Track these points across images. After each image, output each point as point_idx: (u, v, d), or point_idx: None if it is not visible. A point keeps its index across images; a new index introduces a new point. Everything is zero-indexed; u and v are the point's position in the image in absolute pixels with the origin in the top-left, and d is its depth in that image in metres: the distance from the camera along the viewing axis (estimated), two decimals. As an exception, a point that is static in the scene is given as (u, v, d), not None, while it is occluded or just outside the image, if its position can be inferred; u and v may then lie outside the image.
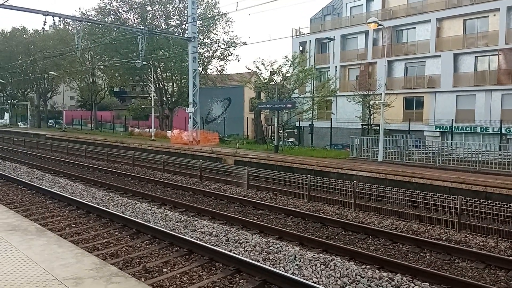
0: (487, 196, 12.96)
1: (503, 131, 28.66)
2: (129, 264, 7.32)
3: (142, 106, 44.84)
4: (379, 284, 6.31)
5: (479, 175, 16.06)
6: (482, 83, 31.85)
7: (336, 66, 40.34)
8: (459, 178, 14.78)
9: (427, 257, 8.54)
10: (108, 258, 7.52)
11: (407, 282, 6.33)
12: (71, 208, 11.60)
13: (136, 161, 22.49)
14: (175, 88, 44.72)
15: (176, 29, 41.71)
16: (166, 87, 44.73)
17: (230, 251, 8.00)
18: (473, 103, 32.27)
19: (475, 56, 32.53)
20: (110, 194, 13.62)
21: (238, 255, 7.68)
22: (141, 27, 37.81)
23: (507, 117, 29.67)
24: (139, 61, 30.96)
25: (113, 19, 41.93)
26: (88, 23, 36.86)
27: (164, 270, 7.15)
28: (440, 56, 33.80)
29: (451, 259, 8.39)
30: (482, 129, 31.10)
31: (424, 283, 6.44)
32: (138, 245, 8.53)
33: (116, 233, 9.41)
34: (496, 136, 28.50)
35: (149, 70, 40.09)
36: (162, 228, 9.35)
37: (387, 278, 6.45)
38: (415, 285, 6.20)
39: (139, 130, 43.91)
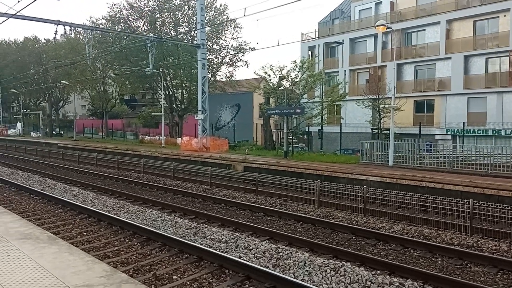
0: (500, 200, 12.77)
1: (516, 133, 28.28)
2: (139, 272, 7.37)
3: (152, 113, 45.21)
4: (389, 290, 6.27)
5: (491, 178, 15.86)
6: (493, 85, 31.52)
7: (345, 70, 40.27)
8: (471, 181, 14.61)
9: (439, 262, 8.45)
10: (119, 266, 7.58)
11: (418, 287, 6.26)
12: (82, 216, 11.72)
13: (146, 169, 22.65)
14: (184, 95, 45.03)
15: (185, 36, 42.07)
16: (175, 94, 45.06)
17: (240, 257, 8.00)
18: (484, 105, 31.94)
19: (486, 58, 32.23)
20: (121, 201, 13.74)
21: (248, 261, 7.68)
22: (151, 34, 38.25)
23: (519, 119, 29.30)
24: (149, 68, 31.29)
25: (123, 27, 42.45)
26: (98, 31, 37.33)
27: (174, 277, 7.18)
28: (450, 58, 33.56)
29: (463, 264, 8.29)
30: (494, 132, 30.73)
31: (435, 289, 6.38)
32: (148, 253, 8.59)
33: (126, 240, 9.49)
34: (508, 139, 28.15)
35: (159, 78, 40.46)
36: (172, 235, 9.40)
37: (397, 284, 6.40)
38: (426, 291, 6.14)
39: (149, 137, 44.23)
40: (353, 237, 10.16)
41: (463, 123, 29.68)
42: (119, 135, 53.96)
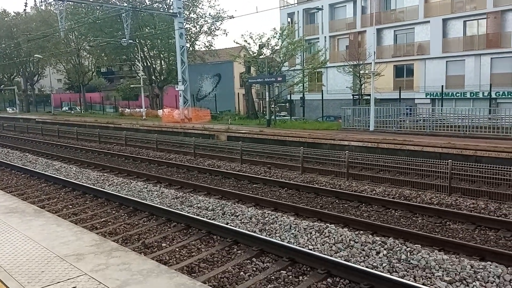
0: (477, 160, 13.20)
1: (493, 95, 28.87)
2: (128, 241, 7.45)
3: (131, 85, 44.37)
4: (372, 248, 6.51)
5: (469, 139, 16.29)
6: (471, 48, 31.88)
7: (325, 37, 40.00)
8: (450, 143, 14.99)
9: (419, 221, 8.78)
10: (107, 236, 7.64)
11: (400, 245, 6.53)
12: (67, 190, 11.65)
13: (128, 141, 22.46)
14: (163, 66, 44.19)
15: (160, 5, 40.88)
16: (154, 65, 44.16)
17: (227, 224, 8.15)
18: (462, 68, 32.37)
19: (464, 21, 32.42)
20: (105, 174, 13.68)
21: (235, 227, 7.84)
22: (125, 4, 37.03)
23: (496, 81, 29.85)
24: (125, 39, 30.47)
25: (95, -2, 40.90)
26: (70, 2, 35.87)
27: (163, 245, 7.30)
28: (429, 22, 33.64)
29: (443, 222, 8.63)
30: (472, 94, 31.33)
31: (416, 245, 6.65)
32: (136, 223, 8.66)
33: (113, 212, 9.53)
34: (486, 101, 28.74)
35: (135, 49, 39.48)
36: (159, 205, 9.47)
37: (380, 242, 6.65)
38: (407, 247, 6.40)
39: (129, 110, 43.59)
40: (337, 201, 10.42)
41: (442, 86, 30.09)
42: (98, 108, 53.00)
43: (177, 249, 7.05)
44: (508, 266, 5.85)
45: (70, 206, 10.04)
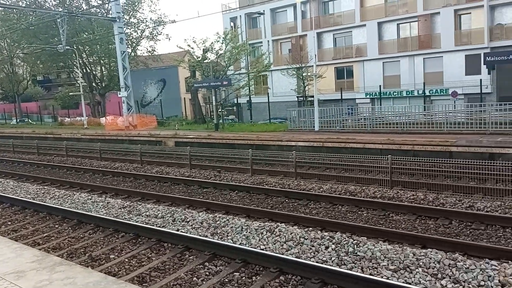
0: (415, 154, 13.98)
1: (427, 93, 30.75)
2: (73, 255, 7.12)
3: (70, 93, 42.47)
4: (321, 243, 6.70)
5: (407, 135, 17.23)
6: (405, 49, 33.76)
7: (268, 41, 40.63)
8: (389, 139, 15.77)
9: (364, 214, 9.15)
10: (51, 251, 7.26)
11: (347, 239, 6.77)
12: (4, 206, 10.92)
13: (70, 152, 21.47)
14: (104, 73, 42.76)
15: (98, 10, 39.57)
16: (94, 72, 42.60)
17: (178, 230, 8.04)
18: (398, 68, 34.18)
19: (397, 24, 34.28)
20: (45, 187, 12.97)
21: (186, 233, 7.75)
22: (60, 9, 35.43)
23: (429, 80, 31.85)
24: (61, 46, 29.18)
25: (28, 3, 38.81)
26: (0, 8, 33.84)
27: (112, 256, 7.05)
28: (365, 25, 35.20)
29: (386, 214, 9.05)
30: (407, 93, 33.15)
31: (362, 238, 6.93)
32: (81, 236, 8.30)
33: (56, 226, 9.06)
34: (420, 98, 30.54)
35: (73, 55, 37.88)
36: (105, 216, 9.14)
37: (328, 237, 6.86)
38: (354, 240, 6.65)
39: (69, 119, 41.71)
40: (286, 200, 10.60)
41: (380, 86, 31.60)
42: (35, 118, 50.20)
43: (126, 260, 6.84)
44: (447, 251, 6.25)
45: (9, 223, 9.42)
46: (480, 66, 25.66)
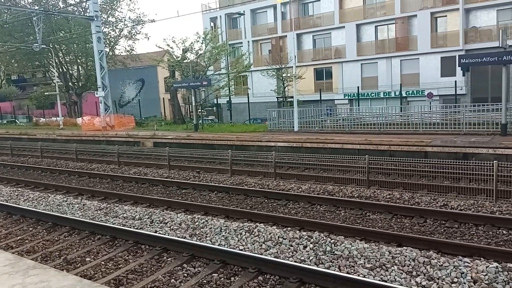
0: (392, 154, 14.24)
1: (403, 94, 31.32)
2: (48, 258, 6.97)
3: (45, 93, 41.53)
4: (299, 243, 6.75)
5: (384, 135, 17.52)
6: (383, 51, 34.30)
7: (248, 41, 40.65)
8: (367, 140, 16.00)
9: (342, 214, 9.26)
10: (24, 255, 7.09)
11: (325, 238, 6.83)
12: (-25, 209, 10.59)
13: (45, 153, 21.02)
14: (81, 72, 42.00)
15: (75, 8, 38.83)
16: (71, 71, 41.77)
17: (156, 232, 7.96)
18: (376, 70, 34.70)
19: (375, 26, 34.79)
20: (19, 189, 12.64)
21: (164, 234, 7.68)
22: (36, 7, 34.63)
23: (406, 81, 32.44)
24: (37, 44, 28.52)
25: (2, 0, 37.77)
26: (-29, 4, 32.83)
27: (87, 259, 6.93)
28: (344, 27, 35.59)
29: (363, 213, 9.18)
30: (385, 94, 33.70)
31: (339, 237, 7.01)
32: (56, 238, 8.13)
33: (30, 229, 8.85)
34: (397, 100, 31.09)
35: (49, 54, 37.06)
36: (81, 218, 8.98)
37: (306, 237, 6.91)
38: (332, 240, 6.72)
39: (45, 119, 40.80)
40: (266, 200, 10.63)
41: (358, 87, 32.06)
42: (9, 118, 48.90)
43: (102, 263, 6.73)
44: (422, 249, 6.38)
45: (-21, 227, 9.15)
46: (455, 68, 26.28)
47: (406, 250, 6.23)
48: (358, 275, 5.65)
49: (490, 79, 28.91)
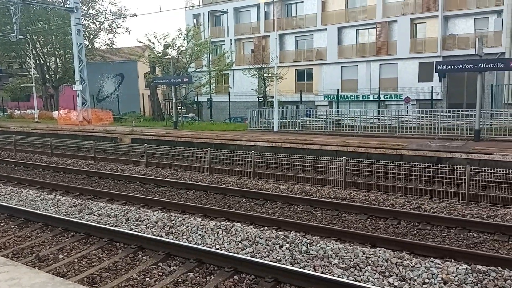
0: (368, 156, 14.45)
1: (382, 98, 31.83)
2: (19, 255, 6.81)
3: (21, 85, 40.47)
4: (276, 243, 6.79)
5: (362, 138, 17.77)
6: (363, 55, 34.77)
7: (230, 40, 40.55)
8: (345, 142, 16.20)
9: (319, 214, 9.36)
10: (-6, 252, 6.90)
11: (301, 238, 6.90)
12: None
13: (19, 146, 20.52)
14: (59, 64, 41.10)
15: (55, -1, 37.98)
16: (48, 63, 40.84)
17: (131, 229, 7.88)
18: (355, 73, 35.14)
19: (357, 29, 35.23)
20: (-10, 183, 12.32)
21: (140, 232, 7.61)
22: (13, -4, 33.66)
23: (384, 85, 32.98)
24: (13, 35, 27.79)
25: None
26: None
27: (60, 256, 6.80)
28: (326, 29, 35.90)
29: (339, 214, 9.29)
30: (364, 97, 34.17)
31: (315, 237, 7.09)
32: (28, 235, 7.95)
33: (2, 224, 8.62)
34: (375, 103, 31.57)
35: (27, 45, 36.13)
36: (54, 214, 8.81)
37: (283, 236, 6.96)
38: (308, 240, 6.79)
39: (20, 112, 39.77)
40: (244, 199, 10.65)
41: (338, 90, 32.39)
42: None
43: (76, 260, 6.62)
44: (395, 250, 6.51)
45: None
46: (432, 73, 26.86)
47: (379, 251, 6.34)
48: (333, 275, 5.72)
49: (466, 85, 29.67)
